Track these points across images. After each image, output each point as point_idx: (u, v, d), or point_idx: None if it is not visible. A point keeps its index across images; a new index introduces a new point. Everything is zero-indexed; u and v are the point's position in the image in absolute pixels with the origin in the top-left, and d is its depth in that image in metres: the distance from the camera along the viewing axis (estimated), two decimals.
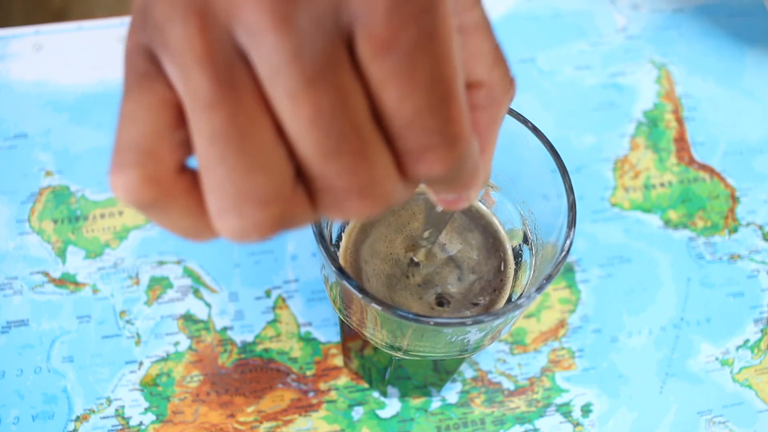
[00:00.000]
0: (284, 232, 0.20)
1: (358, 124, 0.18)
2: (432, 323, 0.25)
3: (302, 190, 0.20)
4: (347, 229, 0.34)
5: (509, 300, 0.33)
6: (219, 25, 0.18)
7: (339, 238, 0.34)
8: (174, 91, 0.19)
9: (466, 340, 0.28)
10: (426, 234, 0.31)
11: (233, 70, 0.18)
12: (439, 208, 0.28)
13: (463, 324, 0.26)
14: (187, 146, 0.20)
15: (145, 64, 0.19)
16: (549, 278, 0.27)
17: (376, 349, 0.35)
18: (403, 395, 0.41)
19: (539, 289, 0.26)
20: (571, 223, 0.28)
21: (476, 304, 0.33)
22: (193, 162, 0.20)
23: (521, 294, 0.32)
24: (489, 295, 0.33)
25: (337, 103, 0.18)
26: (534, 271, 0.32)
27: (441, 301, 0.33)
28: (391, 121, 0.19)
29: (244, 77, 0.18)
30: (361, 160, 0.19)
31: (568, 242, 0.27)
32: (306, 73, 0.17)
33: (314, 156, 0.19)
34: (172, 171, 0.19)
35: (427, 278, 0.33)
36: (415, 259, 0.33)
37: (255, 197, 0.19)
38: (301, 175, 0.20)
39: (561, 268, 0.27)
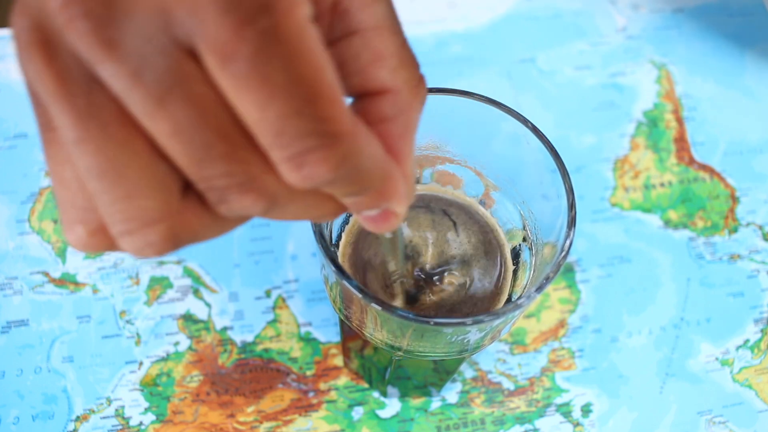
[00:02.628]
0: (188, 244, 0.20)
1: (221, 131, 0.18)
2: (432, 323, 0.25)
3: (193, 199, 0.19)
4: (347, 228, 0.34)
5: (509, 300, 0.33)
6: (63, 53, 0.17)
7: (339, 237, 0.34)
8: None
9: (466, 340, 0.28)
10: (391, 267, 0.30)
11: (92, 98, 0.17)
12: (388, 235, 0.26)
13: (463, 324, 0.26)
14: None
15: (40, 112, 0.19)
16: (549, 278, 0.26)
17: (376, 349, 0.35)
18: (403, 395, 0.41)
19: (539, 289, 0.26)
20: (571, 223, 0.28)
21: (476, 304, 0.33)
22: None
23: (521, 294, 0.32)
24: (489, 294, 0.33)
25: (193, 115, 0.17)
26: (534, 271, 0.32)
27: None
28: (258, 131, 0.18)
29: (105, 102, 0.17)
30: (234, 160, 0.18)
31: (567, 242, 0.27)
32: (152, 93, 0.17)
33: (187, 165, 0.18)
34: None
35: (430, 278, 0.33)
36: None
37: (141, 219, 0.19)
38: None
39: (561, 268, 0.27)
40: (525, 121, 0.30)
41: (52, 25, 0.17)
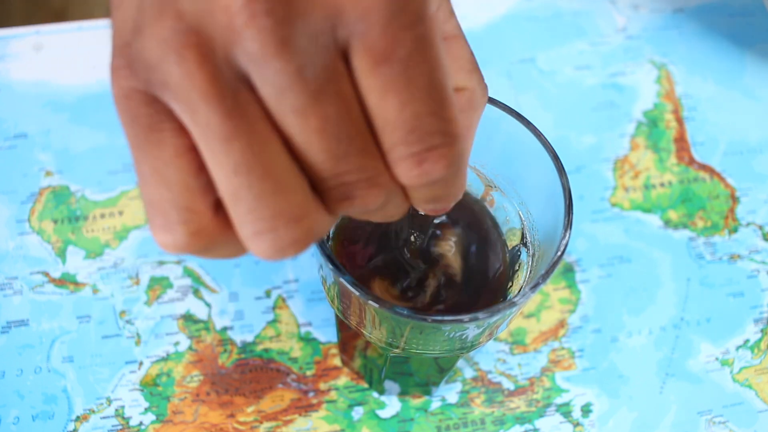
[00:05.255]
0: (312, 243, 0.21)
1: (360, 128, 0.19)
2: (430, 320, 0.26)
3: (318, 198, 0.20)
4: (341, 225, 0.34)
5: (505, 298, 0.33)
6: (218, 55, 0.18)
7: (335, 235, 0.34)
8: (186, 134, 0.19)
9: (463, 336, 0.28)
10: (413, 237, 0.32)
11: (240, 98, 0.18)
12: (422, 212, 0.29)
13: (461, 321, 0.26)
14: (212, 183, 0.20)
15: (147, 113, 0.19)
16: (544, 277, 0.27)
17: (374, 348, 0.35)
18: (404, 392, 0.41)
19: (534, 288, 0.26)
20: (568, 224, 0.28)
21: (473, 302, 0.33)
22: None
23: (517, 293, 0.32)
24: (487, 293, 0.33)
25: (341, 111, 0.19)
26: (531, 271, 0.32)
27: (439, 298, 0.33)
28: (390, 129, 0.19)
29: (251, 102, 0.19)
30: (367, 155, 0.20)
31: (564, 242, 0.27)
32: (310, 89, 0.18)
33: (326, 161, 0.19)
34: (211, 216, 0.20)
35: (426, 275, 0.33)
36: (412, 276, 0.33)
37: (288, 215, 0.19)
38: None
39: (556, 268, 0.27)
40: (525, 121, 0.30)
41: (211, 29, 0.18)
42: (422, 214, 0.30)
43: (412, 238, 0.33)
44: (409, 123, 0.19)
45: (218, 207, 0.20)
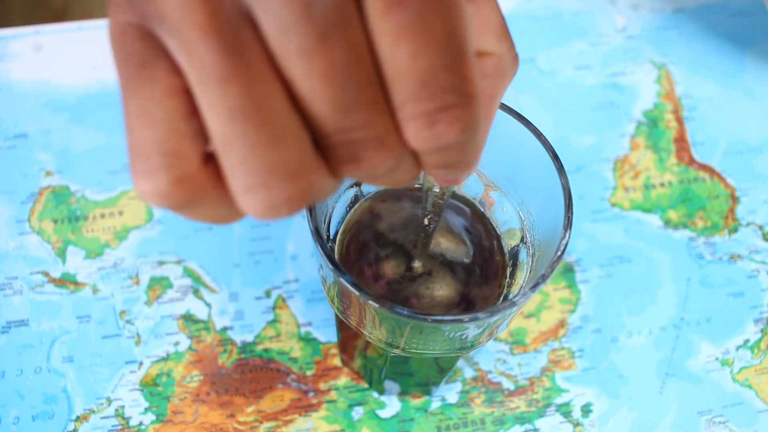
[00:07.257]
0: (308, 205, 0.19)
1: (371, 77, 0.18)
2: (430, 320, 0.26)
3: (320, 157, 0.19)
4: (343, 227, 0.34)
5: (505, 298, 0.33)
6: None
7: (336, 235, 0.34)
8: (180, 75, 0.18)
9: (463, 336, 0.28)
10: (426, 221, 0.31)
11: (240, 36, 0.17)
12: (436, 188, 0.28)
13: (461, 321, 0.26)
14: (204, 132, 0.19)
15: (141, 48, 0.18)
16: (544, 277, 0.27)
17: (375, 348, 0.35)
18: (404, 392, 0.41)
19: (534, 288, 0.26)
20: (568, 224, 0.28)
21: (473, 303, 0.33)
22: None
23: (518, 292, 0.32)
24: (486, 293, 0.33)
25: (351, 56, 0.17)
26: (531, 272, 0.32)
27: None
28: (402, 82, 0.18)
29: (252, 42, 0.17)
30: (377, 111, 0.18)
31: (563, 243, 0.27)
32: (318, 28, 0.17)
33: (331, 112, 0.18)
34: (198, 165, 0.19)
35: (425, 275, 0.33)
36: (414, 265, 0.33)
37: (283, 170, 0.18)
38: (315, 140, 0.19)
39: (556, 268, 0.27)
40: (525, 121, 0.30)
41: None
42: (430, 208, 0.29)
43: (426, 221, 0.31)
44: (422, 75, 0.17)
45: (208, 159, 0.19)
